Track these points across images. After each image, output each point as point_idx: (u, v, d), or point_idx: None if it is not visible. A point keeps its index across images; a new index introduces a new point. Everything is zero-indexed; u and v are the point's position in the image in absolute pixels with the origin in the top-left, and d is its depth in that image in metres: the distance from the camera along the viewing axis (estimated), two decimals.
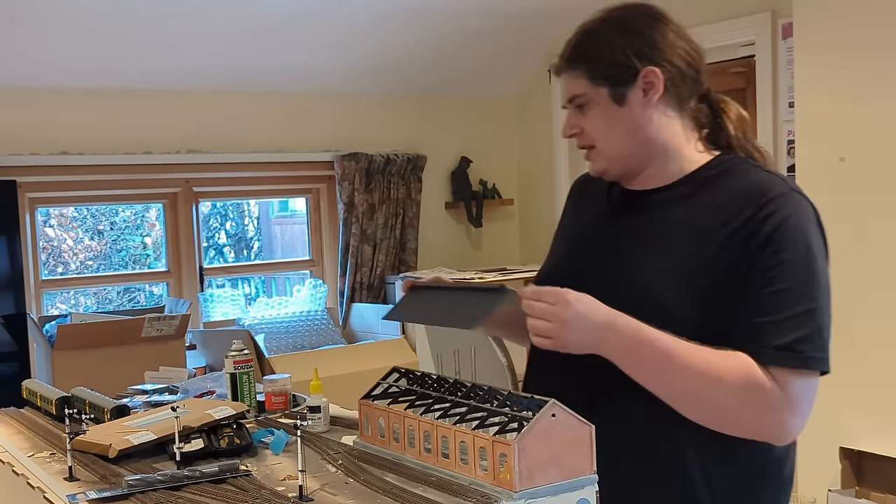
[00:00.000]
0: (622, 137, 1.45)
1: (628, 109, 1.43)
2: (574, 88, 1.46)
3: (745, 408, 1.32)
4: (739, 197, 1.39)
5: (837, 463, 3.01)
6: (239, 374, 1.85)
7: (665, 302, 1.37)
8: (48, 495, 1.39)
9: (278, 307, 4.28)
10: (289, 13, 3.63)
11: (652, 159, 1.47)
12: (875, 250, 2.90)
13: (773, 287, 1.33)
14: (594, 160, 1.50)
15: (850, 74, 2.95)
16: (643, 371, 1.34)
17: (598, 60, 1.44)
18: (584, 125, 1.47)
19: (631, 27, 1.45)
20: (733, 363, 1.31)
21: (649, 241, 1.45)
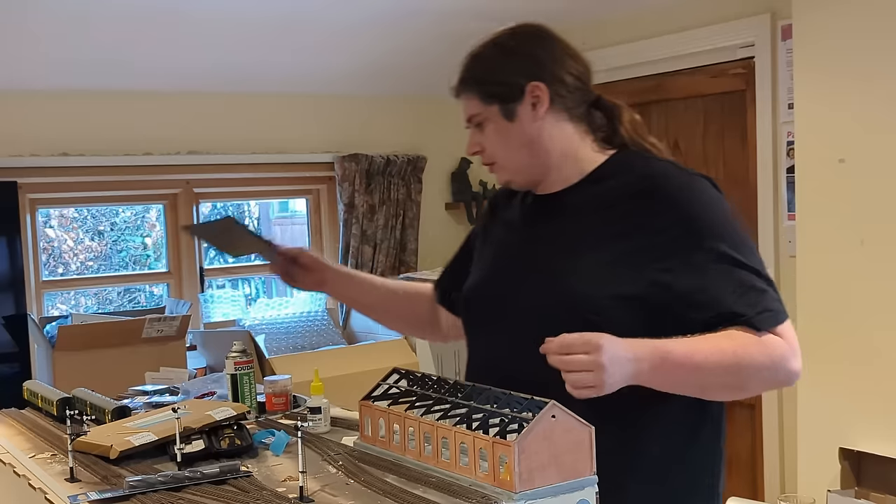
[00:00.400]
0: (518, 150, 1.56)
1: (519, 124, 1.55)
2: (469, 109, 1.60)
3: (768, 372, 1.43)
4: (643, 185, 1.50)
5: (837, 463, 3.01)
6: (239, 375, 1.86)
7: (595, 294, 1.45)
8: (49, 496, 1.39)
9: (279, 308, 4.29)
10: (289, 14, 3.63)
11: (551, 166, 1.57)
12: (875, 251, 2.90)
13: (719, 265, 1.43)
14: (498, 173, 1.62)
15: (849, 76, 2.95)
16: (676, 385, 1.41)
17: (486, 81, 1.57)
18: (483, 143, 1.59)
19: (514, 48, 1.59)
20: (743, 341, 1.40)
21: (564, 241, 1.54)
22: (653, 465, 1.47)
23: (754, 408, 3.57)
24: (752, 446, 3.61)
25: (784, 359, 1.43)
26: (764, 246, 3.48)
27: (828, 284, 2.99)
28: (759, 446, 3.56)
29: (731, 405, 1.57)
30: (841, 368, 2.96)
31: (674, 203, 1.47)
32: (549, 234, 1.57)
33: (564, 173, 1.58)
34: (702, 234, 1.44)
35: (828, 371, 2.99)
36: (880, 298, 2.88)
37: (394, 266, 4.49)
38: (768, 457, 3.53)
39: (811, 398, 3.07)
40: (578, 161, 1.58)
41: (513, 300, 1.56)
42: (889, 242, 2.88)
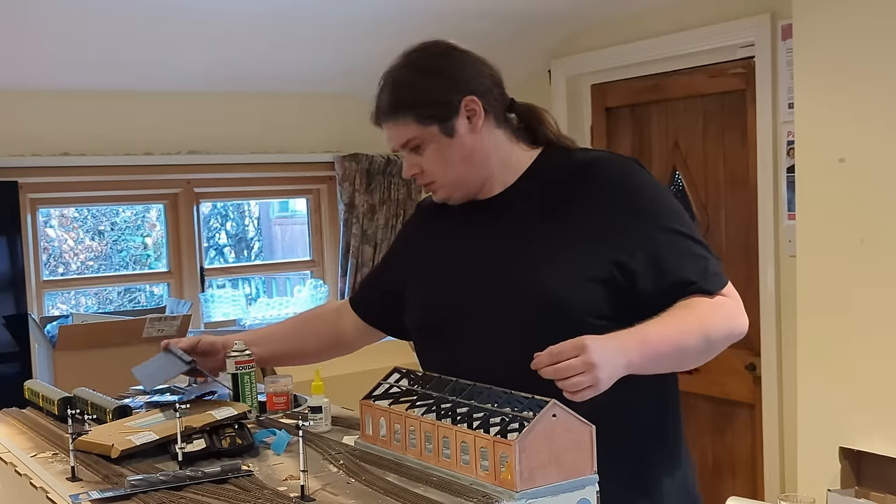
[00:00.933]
0: (459, 165, 1.60)
1: (459, 139, 1.59)
2: (404, 134, 1.60)
3: (728, 331, 1.53)
4: (584, 172, 1.57)
5: (837, 463, 3.01)
6: (241, 374, 1.86)
7: (552, 288, 1.49)
8: (51, 495, 1.39)
9: (279, 307, 4.29)
10: (289, 13, 3.63)
11: (490, 174, 1.62)
12: (875, 250, 2.90)
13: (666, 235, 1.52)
14: (437, 191, 1.65)
15: (849, 75, 2.96)
16: (660, 366, 1.48)
17: (420, 104, 1.58)
18: (422, 164, 1.62)
19: (437, 67, 1.61)
20: (702, 309, 1.49)
21: (514, 239, 1.58)
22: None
23: (754, 408, 3.57)
24: (752, 446, 3.61)
25: (735, 316, 1.54)
26: (764, 245, 3.48)
27: (828, 284, 2.99)
28: (759, 446, 3.56)
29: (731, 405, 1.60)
30: (841, 368, 2.96)
31: (616, 184, 1.55)
32: (499, 234, 1.61)
33: (501, 177, 1.63)
34: (645, 210, 1.53)
35: (828, 370, 2.99)
36: (880, 298, 2.89)
37: None
38: (768, 456, 3.53)
39: (811, 397, 3.07)
40: (513, 164, 1.64)
41: (479, 306, 1.58)
42: (889, 242, 2.88)
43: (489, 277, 1.58)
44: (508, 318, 1.53)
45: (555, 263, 1.51)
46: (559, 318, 1.48)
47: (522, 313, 1.51)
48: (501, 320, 1.54)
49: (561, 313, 1.47)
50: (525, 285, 1.52)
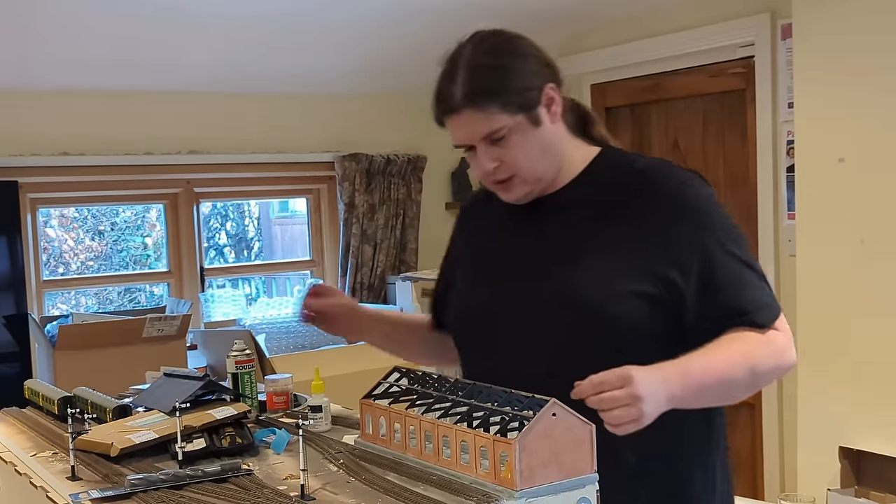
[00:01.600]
0: (541, 157, 1.50)
1: (542, 129, 1.49)
2: (487, 125, 1.47)
3: (775, 367, 1.46)
4: (643, 182, 1.48)
5: (837, 462, 3.02)
6: (241, 373, 1.86)
7: (599, 301, 1.42)
8: (51, 494, 1.39)
9: (279, 307, 4.29)
10: (289, 14, 3.63)
11: (560, 169, 1.53)
12: (875, 250, 2.90)
13: (723, 260, 1.43)
14: (514, 188, 1.52)
15: (849, 75, 2.96)
16: (703, 400, 1.41)
17: (508, 91, 1.46)
18: (504, 157, 1.49)
19: (518, 52, 1.51)
20: (750, 343, 1.41)
21: (567, 243, 1.51)
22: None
23: (754, 407, 3.58)
24: (752, 445, 3.61)
25: (784, 351, 1.46)
26: (764, 245, 3.48)
27: (828, 283, 2.99)
28: (759, 445, 3.56)
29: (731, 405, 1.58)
30: (841, 367, 2.96)
31: (676, 198, 1.45)
32: (549, 236, 1.53)
33: (562, 174, 1.54)
34: (703, 229, 1.44)
35: (828, 370, 2.99)
36: (880, 297, 2.89)
37: (394, 265, 4.49)
38: (768, 456, 3.53)
39: (811, 397, 3.07)
40: (572, 160, 1.55)
41: (522, 310, 1.50)
42: (889, 241, 2.88)
43: (534, 281, 1.50)
44: (550, 326, 1.46)
45: (602, 273, 1.44)
46: (600, 329, 1.41)
47: (563, 322, 1.45)
48: (543, 327, 1.47)
49: (603, 325, 1.40)
50: (568, 293, 1.45)
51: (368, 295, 4.42)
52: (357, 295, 4.41)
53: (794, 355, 1.49)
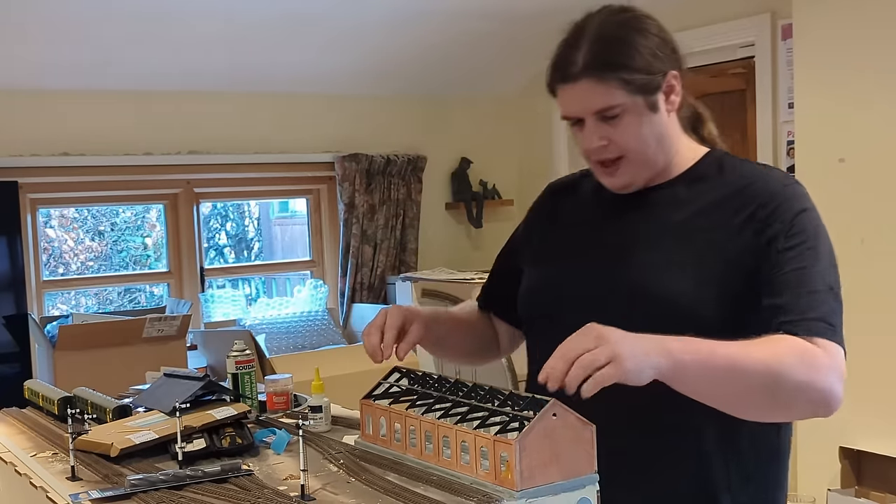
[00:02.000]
0: (652, 144, 1.42)
1: (659, 116, 1.41)
2: (605, 99, 1.38)
3: (806, 380, 1.28)
4: (745, 192, 1.40)
5: (837, 462, 3.01)
6: (241, 374, 1.86)
7: (681, 301, 1.36)
8: (51, 495, 1.39)
9: (279, 308, 4.29)
10: (289, 14, 3.63)
11: (669, 161, 1.45)
12: (874, 251, 2.90)
13: (798, 265, 1.34)
14: (620, 173, 1.44)
15: (849, 75, 2.96)
16: (710, 376, 1.26)
17: (632, 68, 1.37)
18: (613, 136, 1.40)
19: (648, 31, 1.41)
20: (785, 345, 1.29)
21: (656, 240, 1.43)
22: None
23: None
24: None
25: (820, 371, 1.28)
26: None
27: None
28: None
29: None
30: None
31: (778, 215, 1.37)
32: (638, 233, 1.45)
33: (666, 167, 1.46)
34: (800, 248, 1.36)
35: None
36: (880, 297, 2.89)
37: (394, 266, 4.49)
38: None
39: None
40: (679, 156, 1.47)
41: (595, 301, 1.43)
42: (889, 241, 2.88)
43: (610, 272, 1.43)
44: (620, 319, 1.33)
45: (683, 274, 1.37)
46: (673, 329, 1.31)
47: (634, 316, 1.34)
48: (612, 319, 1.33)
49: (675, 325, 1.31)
50: (648, 293, 1.38)
51: (368, 295, 4.42)
52: (357, 295, 4.41)
53: (833, 383, 1.29)
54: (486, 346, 1.73)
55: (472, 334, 1.70)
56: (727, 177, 1.44)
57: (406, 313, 1.54)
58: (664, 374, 1.22)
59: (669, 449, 1.41)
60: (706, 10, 3.67)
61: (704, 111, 1.55)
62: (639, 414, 1.37)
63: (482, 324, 1.72)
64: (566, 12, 1.49)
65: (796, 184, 1.43)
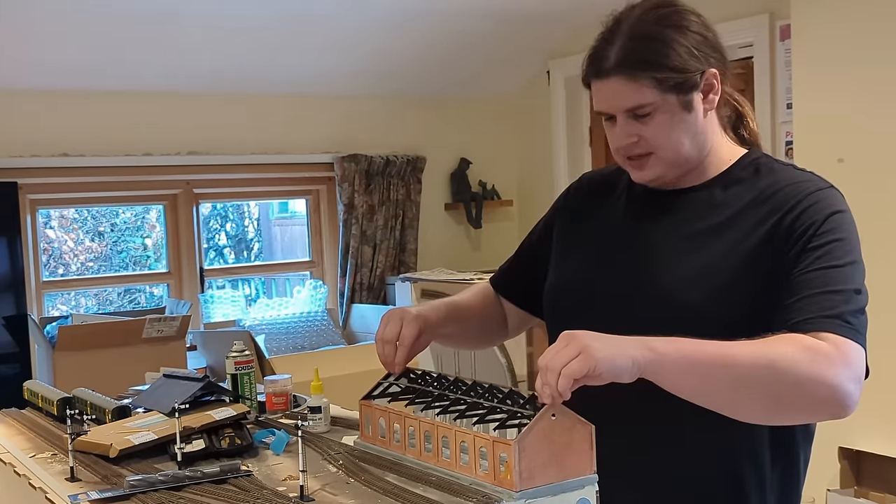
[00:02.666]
0: (684, 142, 1.38)
1: (694, 115, 1.38)
2: (636, 97, 1.35)
3: (810, 375, 1.21)
4: (779, 196, 1.37)
5: (836, 463, 3.01)
6: (240, 374, 1.86)
7: (704, 307, 1.34)
8: (50, 496, 1.39)
9: (278, 308, 4.29)
10: (289, 16, 3.64)
11: (702, 161, 1.42)
12: (874, 251, 2.90)
13: (823, 264, 1.31)
14: (648, 167, 1.40)
15: (848, 76, 2.96)
16: (696, 369, 1.21)
17: (665, 67, 1.34)
18: (643, 133, 1.37)
19: (687, 28, 1.37)
20: (787, 340, 1.24)
21: (683, 242, 1.40)
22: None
23: None
24: None
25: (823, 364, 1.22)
26: None
27: None
28: None
29: None
30: None
31: (816, 216, 1.34)
32: (667, 235, 1.42)
33: (703, 168, 1.43)
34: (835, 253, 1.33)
35: None
36: (879, 297, 2.88)
37: (393, 266, 4.49)
38: None
39: None
40: (716, 157, 1.43)
41: (618, 301, 1.42)
42: (888, 241, 2.88)
43: (641, 276, 1.41)
44: (641, 325, 1.30)
45: (714, 283, 1.34)
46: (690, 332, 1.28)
47: (664, 322, 1.32)
48: (633, 324, 1.31)
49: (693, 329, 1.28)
50: (673, 297, 1.36)
51: (368, 296, 4.42)
52: (357, 296, 4.41)
53: (846, 384, 1.23)
54: (493, 331, 1.71)
55: (479, 323, 1.66)
56: (762, 180, 1.40)
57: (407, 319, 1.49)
58: (644, 367, 1.18)
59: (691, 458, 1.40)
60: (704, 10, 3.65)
61: (746, 107, 1.51)
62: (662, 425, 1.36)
63: (491, 308, 1.68)
64: (566, 13, 1.48)
65: (830, 188, 1.40)
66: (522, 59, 4.50)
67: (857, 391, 1.25)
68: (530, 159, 4.85)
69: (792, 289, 1.31)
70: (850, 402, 1.25)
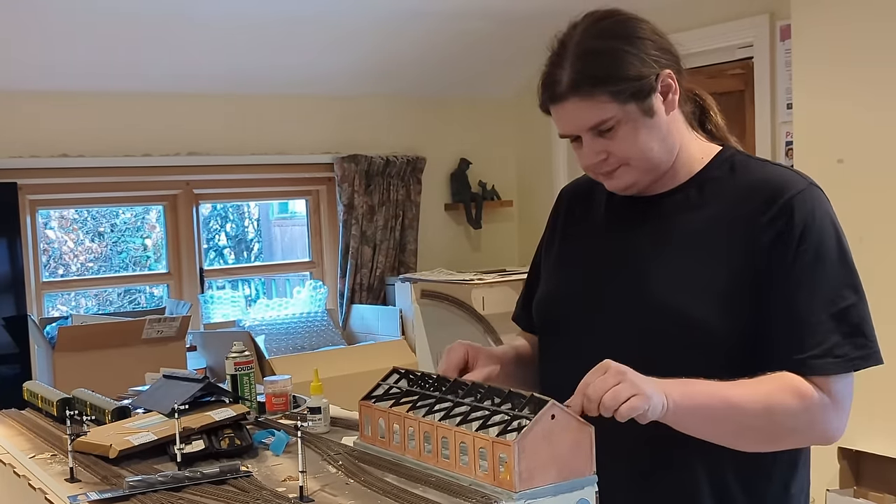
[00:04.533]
0: (654, 147, 1.38)
1: (657, 119, 1.37)
2: (597, 114, 1.35)
3: (803, 424, 1.32)
4: (758, 195, 1.37)
5: (836, 463, 3.02)
6: (240, 375, 1.86)
7: (690, 311, 1.34)
8: (49, 496, 1.39)
9: (278, 309, 4.29)
10: (288, 16, 3.64)
11: (672, 162, 1.42)
12: (874, 251, 2.90)
13: (809, 287, 1.32)
14: (619, 176, 1.40)
15: (848, 76, 2.96)
16: (705, 416, 1.28)
17: (619, 78, 1.34)
18: (611, 148, 1.37)
19: (631, 36, 1.38)
20: (782, 384, 1.29)
21: (664, 248, 1.40)
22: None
23: None
24: None
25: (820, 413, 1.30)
26: None
27: None
28: None
29: None
30: None
31: (797, 227, 1.33)
32: (647, 241, 1.42)
33: (675, 171, 1.42)
34: (816, 264, 1.33)
35: None
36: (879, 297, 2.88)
37: (393, 267, 4.49)
38: None
39: None
40: (688, 158, 1.43)
41: (603, 312, 1.42)
42: (888, 241, 2.88)
43: (622, 283, 1.41)
44: (631, 335, 1.37)
45: (694, 288, 1.34)
46: (683, 345, 1.34)
47: (646, 336, 1.36)
48: (623, 335, 1.38)
49: (685, 341, 1.33)
50: (654, 304, 1.36)
51: (368, 296, 4.42)
52: (356, 296, 4.41)
53: (834, 428, 1.32)
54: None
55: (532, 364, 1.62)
56: (739, 179, 1.40)
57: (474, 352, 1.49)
58: (666, 415, 1.24)
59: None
60: (705, 11, 3.67)
61: (708, 100, 1.50)
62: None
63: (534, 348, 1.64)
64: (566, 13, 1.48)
65: (811, 186, 1.39)
66: (522, 60, 4.49)
67: (842, 424, 1.34)
68: (530, 160, 4.85)
69: (778, 311, 1.32)
70: (833, 437, 1.35)
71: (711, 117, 1.50)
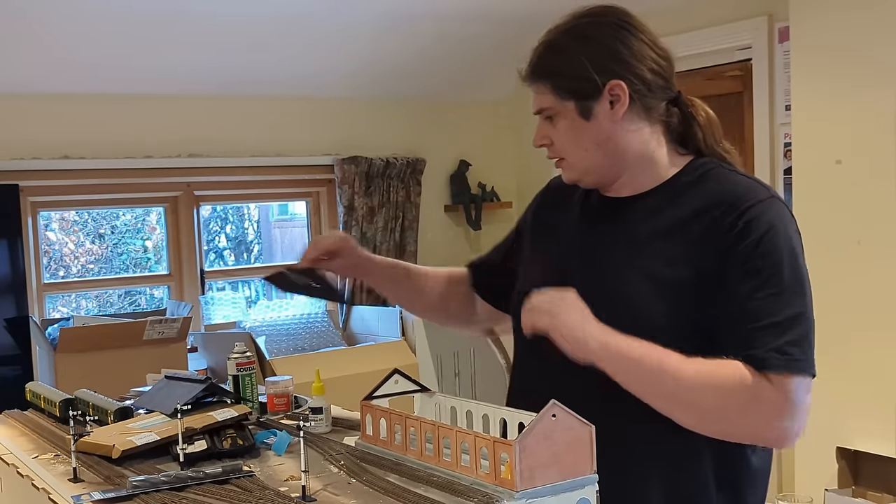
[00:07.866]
0: (591, 150, 1.46)
1: (596, 123, 1.44)
2: (541, 101, 1.48)
3: (744, 412, 1.33)
4: (720, 203, 1.39)
5: (834, 463, 3.02)
6: (241, 376, 1.87)
7: (647, 309, 1.38)
8: (53, 496, 1.40)
9: (279, 310, 4.30)
10: (289, 17, 3.64)
11: (624, 168, 1.47)
12: (871, 252, 2.91)
13: (762, 292, 1.34)
14: (565, 171, 1.52)
15: (846, 77, 2.97)
16: (636, 371, 1.34)
17: (562, 75, 1.45)
18: (553, 136, 1.49)
19: (595, 39, 1.44)
20: (727, 369, 1.33)
21: (626, 249, 1.45)
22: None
23: None
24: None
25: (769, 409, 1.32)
26: None
27: (825, 284, 2.99)
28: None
29: None
30: (838, 368, 2.97)
31: (755, 233, 1.35)
32: (613, 241, 1.47)
33: (639, 178, 1.47)
34: (771, 279, 1.34)
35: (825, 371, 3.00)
36: (877, 298, 2.90)
37: None
38: None
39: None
40: (654, 166, 1.47)
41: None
42: (886, 242, 2.89)
43: (585, 281, 1.44)
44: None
45: (649, 295, 1.39)
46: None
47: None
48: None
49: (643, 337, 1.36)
50: (611, 301, 1.40)
51: (368, 297, 4.43)
52: (357, 297, 4.41)
53: (786, 429, 1.33)
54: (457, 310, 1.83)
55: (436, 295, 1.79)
56: (706, 186, 1.44)
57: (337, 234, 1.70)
58: (597, 352, 1.34)
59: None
60: (703, 12, 3.68)
61: (702, 123, 1.51)
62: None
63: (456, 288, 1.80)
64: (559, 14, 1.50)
65: (773, 198, 1.41)
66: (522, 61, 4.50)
67: (795, 427, 1.34)
68: (529, 161, 4.85)
69: (733, 315, 1.35)
70: (785, 440, 1.36)
71: (696, 136, 1.51)
